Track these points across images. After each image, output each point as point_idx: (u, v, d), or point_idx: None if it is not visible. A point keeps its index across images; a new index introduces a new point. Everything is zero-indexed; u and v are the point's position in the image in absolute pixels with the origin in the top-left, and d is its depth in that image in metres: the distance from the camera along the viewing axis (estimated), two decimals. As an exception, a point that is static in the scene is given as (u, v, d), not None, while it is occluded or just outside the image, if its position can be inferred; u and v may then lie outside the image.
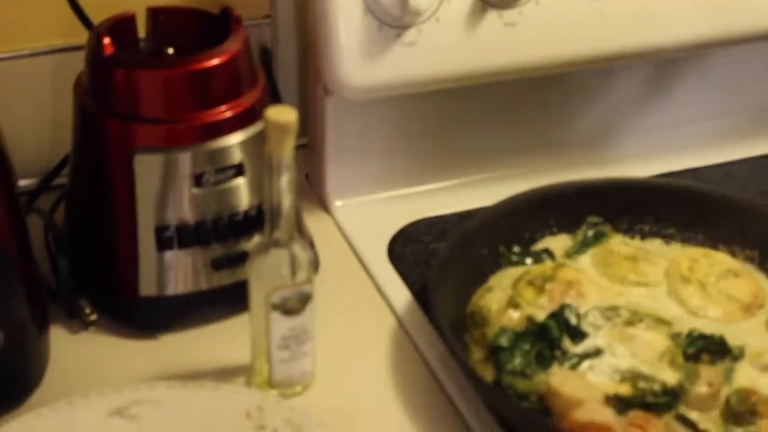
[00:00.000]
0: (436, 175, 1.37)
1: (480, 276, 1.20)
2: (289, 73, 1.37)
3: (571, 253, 1.24)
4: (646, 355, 1.10)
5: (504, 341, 1.11)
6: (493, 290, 1.18)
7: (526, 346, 1.11)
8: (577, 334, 1.12)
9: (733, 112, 1.51)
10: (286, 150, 0.98)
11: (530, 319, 1.14)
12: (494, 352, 1.10)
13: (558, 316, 1.13)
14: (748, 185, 1.42)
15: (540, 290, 1.17)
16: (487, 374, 1.10)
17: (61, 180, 1.27)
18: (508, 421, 1.06)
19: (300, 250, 1.04)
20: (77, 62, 1.15)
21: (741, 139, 1.50)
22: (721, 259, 1.23)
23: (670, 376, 1.08)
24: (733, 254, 1.24)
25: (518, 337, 1.11)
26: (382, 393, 1.11)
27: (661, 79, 1.45)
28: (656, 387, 1.07)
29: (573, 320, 1.13)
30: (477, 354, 1.13)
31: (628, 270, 1.20)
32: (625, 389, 1.07)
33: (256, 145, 1.13)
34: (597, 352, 1.11)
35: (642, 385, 1.07)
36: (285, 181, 1.00)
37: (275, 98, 1.32)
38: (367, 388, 1.12)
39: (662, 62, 1.42)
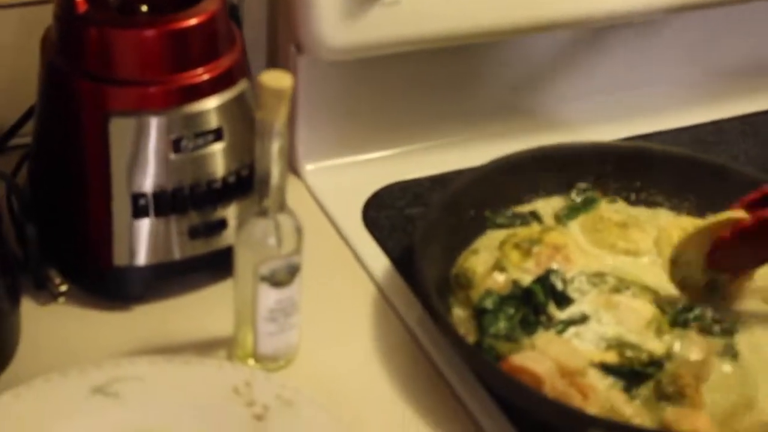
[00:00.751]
0: (409, 137, 1.34)
1: (466, 238, 1.18)
2: (257, 31, 1.32)
3: (561, 218, 1.22)
4: (633, 322, 1.09)
5: (489, 304, 1.09)
6: (479, 252, 1.16)
7: (511, 310, 1.09)
8: (563, 300, 1.11)
9: (697, 75, 1.50)
10: (279, 116, 0.94)
11: (516, 283, 1.12)
12: (479, 315, 1.08)
13: (544, 280, 1.12)
14: (718, 149, 1.42)
15: (526, 253, 1.15)
16: (470, 336, 1.08)
17: (21, 140, 1.21)
18: (488, 382, 1.04)
19: (289, 220, 1.00)
20: (45, 17, 1.09)
21: (702, 103, 1.49)
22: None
23: (657, 345, 1.07)
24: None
25: (503, 300, 1.09)
26: (365, 361, 1.09)
27: (628, 41, 1.43)
28: (643, 356, 1.06)
29: (559, 285, 1.11)
30: (460, 316, 1.11)
31: (618, 237, 1.19)
32: (611, 357, 1.06)
33: (235, 109, 1.09)
34: (583, 319, 1.10)
35: (629, 353, 1.06)
36: (276, 149, 0.96)
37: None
38: (349, 358, 1.09)
39: (640, 25, 1.41)
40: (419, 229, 1.13)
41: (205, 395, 0.99)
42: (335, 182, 1.30)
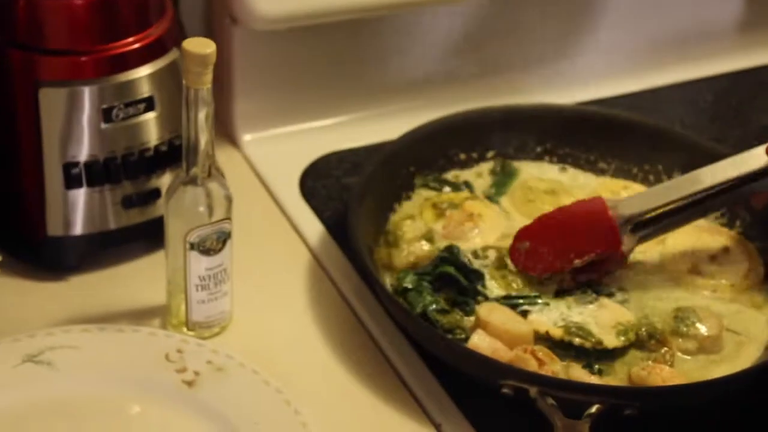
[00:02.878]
0: (346, 107, 1.34)
1: (399, 199, 1.20)
2: (194, 2, 1.31)
3: (492, 196, 1.23)
4: (604, 319, 1.09)
5: (408, 283, 1.09)
6: (416, 219, 1.17)
7: (427, 285, 1.09)
8: (473, 275, 1.11)
9: (634, 43, 1.50)
10: (204, 83, 0.95)
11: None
12: (402, 295, 1.08)
13: (447, 260, 1.11)
14: (654, 116, 1.42)
15: (440, 214, 1.17)
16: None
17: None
18: (425, 348, 1.05)
19: (219, 187, 1.01)
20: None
21: (642, 70, 1.50)
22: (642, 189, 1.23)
23: (610, 341, 1.06)
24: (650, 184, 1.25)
25: (420, 276, 1.09)
26: (301, 329, 1.09)
27: (566, 8, 1.44)
28: (587, 344, 1.05)
29: (463, 259, 1.11)
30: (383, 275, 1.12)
31: (551, 204, 1.19)
32: (557, 332, 1.06)
33: (167, 78, 1.09)
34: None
35: (576, 340, 1.05)
36: (203, 116, 0.96)
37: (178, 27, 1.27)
38: (284, 325, 1.10)
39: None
40: (354, 190, 1.14)
41: (137, 363, 1.00)
42: (273, 152, 1.30)
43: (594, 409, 0.94)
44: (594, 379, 1.01)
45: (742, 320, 1.10)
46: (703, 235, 1.17)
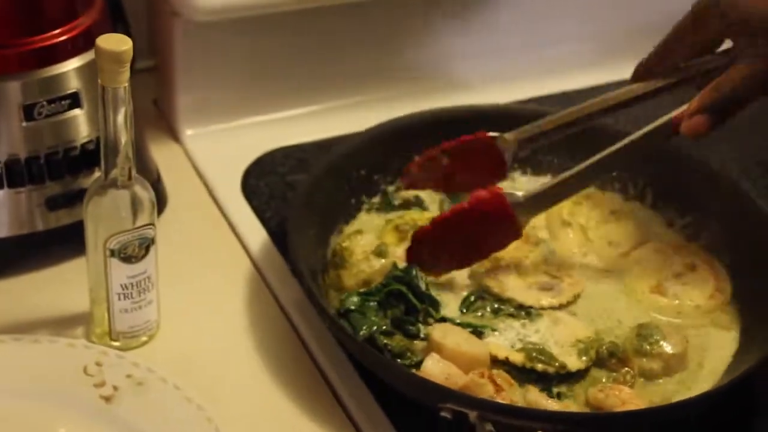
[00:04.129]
0: (292, 101, 1.29)
1: (345, 220, 1.14)
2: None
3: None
4: (562, 336, 1.03)
5: (351, 305, 1.02)
6: (364, 234, 1.10)
7: (372, 305, 1.02)
8: (430, 302, 1.04)
9: (593, 36, 1.45)
10: (121, 82, 0.89)
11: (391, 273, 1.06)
12: (345, 316, 1.01)
13: (400, 279, 1.04)
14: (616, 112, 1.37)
15: (403, 237, 1.10)
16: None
17: None
18: (366, 369, 0.99)
19: (141, 191, 0.95)
20: None
21: (604, 62, 1.44)
22: (607, 199, 1.18)
23: (573, 363, 1.01)
24: (625, 190, 1.20)
25: (364, 297, 1.03)
26: (233, 341, 1.04)
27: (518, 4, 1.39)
28: (551, 370, 1.00)
29: (423, 285, 1.05)
30: (332, 296, 1.06)
31: None
32: (517, 358, 1.00)
33: (94, 73, 1.03)
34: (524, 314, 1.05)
35: (539, 366, 1.00)
36: (121, 117, 0.91)
37: (121, 18, 1.21)
38: (217, 336, 1.04)
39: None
40: (292, 206, 1.08)
41: (52, 376, 0.94)
42: (216, 148, 1.25)
43: (537, 436, 0.89)
44: (552, 404, 0.96)
45: (707, 340, 1.05)
46: (668, 251, 1.12)
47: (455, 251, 1.07)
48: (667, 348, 1.01)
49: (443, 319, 1.03)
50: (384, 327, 1.01)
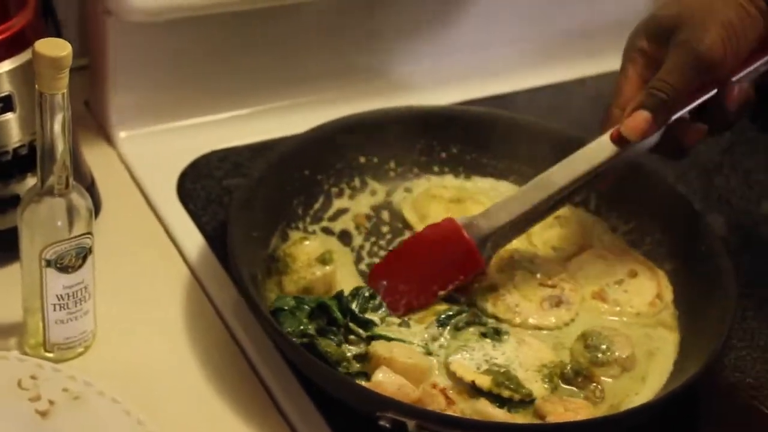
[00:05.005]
0: (228, 103, 1.27)
1: (287, 216, 1.12)
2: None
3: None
4: (527, 359, 1.01)
5: (284, 305, 1.00)
6: (310, 240, 1.08)
7: (306, 308, 1.01)
8: (361, 323, 1.02)
9: (534, 37, 1.44)
10: (59, 89, 0.86)
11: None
12: (274, 315, 0.99)
13: (340, 298, 1.03)
14: (558, 113, 1.37)
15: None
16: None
17: None
18: (306, 375, 0.98)
19: (78, 199, 0.93)
20: None
21: (544, 64, 1.44)
22: None
23: (538, 389, 0.99)
24: None
25: (299, 301, 1.01)
26: (173, 349, 1.02)
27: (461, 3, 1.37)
28: (516, 397, 0.98)
29: (355, 307, 1.02)
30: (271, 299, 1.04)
31: (456, 213, 1.13)
32: (484, 382, 0.98)
33: (29, 75, 1.00)
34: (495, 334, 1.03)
35: (506, 393, 0.98)
36: (58, 124, 0.88)
37: (52, 18, 1.18)
38: (155, 346, 1.02)
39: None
40: (232, 208, 1.06)
41: (-15, 390, 0.91)
42: (151, 150, 1.22)
43: (478, 447, 0.88)
44: (499, 413, 0.95)
45: (650, 340, 1.06)
46: (609, 257, 1.12)
47: (415, 286, 1.05)
48: (618, 352, 1.01)
49: (372, 337, 1.01)
50: (310, 329, 0.99)
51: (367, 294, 1.04)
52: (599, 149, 1.03)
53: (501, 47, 1.41)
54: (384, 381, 0.94)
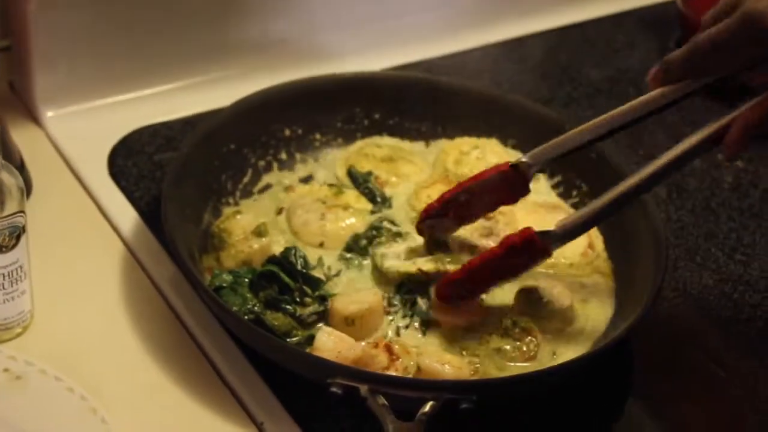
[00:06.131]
0: (156, 78, 1.26)
1: (218, 191, 1.12)
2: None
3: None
4: None
5: (223, 282, 1.01)
6: (243, 214, 1.08)
7: (245, 283, 1.01)
8: (312, 282, 1.03)
9: (454, 2, 1.45)
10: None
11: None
12: (216, 293, 0.99)
13: (282, 261, 1.03)
14: (483, 76, 1.38)
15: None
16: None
17: None
18: (247, 345, 0.98)
19: (8, 178, 0.92)
20: None
21: (469, 28, 1.45)
22: (493, 149, 1.18)
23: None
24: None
25: (236, 276, 1.02)
26: (111, 326, 1.01)
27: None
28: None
29: (299, 264, 1.03)
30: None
31: (388, 172, 1.13)
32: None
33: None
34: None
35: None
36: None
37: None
38: (94, 322, 1.02)
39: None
40: (166, 181, 1.05)
41: (-77, 375, 0.91)
42: (79, 129, 1.21)
43: (428, 407, 0.88)
44: (447, 369, 0.95)
45: (587, 288, 1.07)
46: (540, 210, 1.13)
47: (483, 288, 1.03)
48: (558, 304, 1.03)
49: (323, 297, 1.02)
50: (256, 305, 0.99)
51: (302, 253, 1.04)
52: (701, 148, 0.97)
53: (422, 13, 1.42)
54: (325, 344, 0.95)
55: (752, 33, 0.92)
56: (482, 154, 1.18)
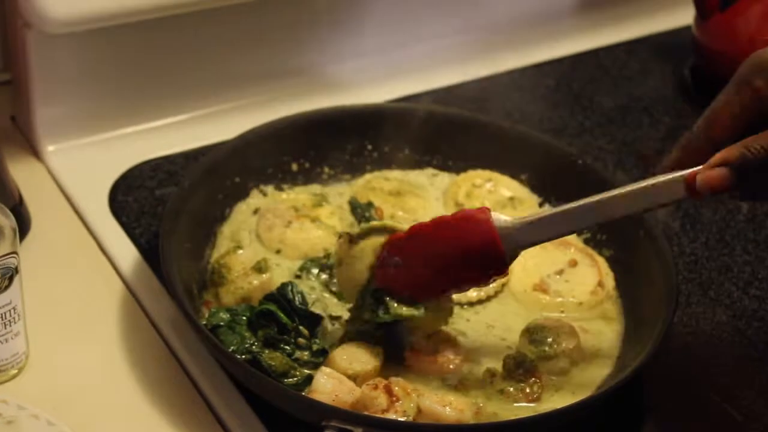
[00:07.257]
0: (157, 111, 1.25)
1: (221, 225, 1.11)
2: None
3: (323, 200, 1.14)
4: None
5: (220, 320, 0.99)
6: (245, 249, 1.06)
7: (243, 321, 0.99)
8: (308, 318, 1.00)
9: (464, 31, 1.43)
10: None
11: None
12: (213, 332, 0.97)
13: (277, 297, 1.00)
14: (490, 105, 1.36)
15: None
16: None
17: None
18: (246, 387, 0.96)
19: (1, 218, 0.90)
20: None
21: (480, 56, 1.43)
22: (506, 183, 1.17)
23: None
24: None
25: (233, 314, 0.99)
26: (110, 367, 1.00)
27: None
28: None
29: (296, 300, 1.00)
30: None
31: (395, 206, 1.11)
32: None
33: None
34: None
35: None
36: (-23, 143, 0.86)
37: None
38: (92, 363, 1.00)
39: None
40: (165, 218, 1.03)
41: None
42: (80, 163, 1.19)
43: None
44: (448, 411, 0.93)
45: (595, 330, 1.05)
46: (549, 247, 1.10)
47: (431, 275, 0.97)
48: (565, 343, 1.00)
49: (322, 351, 0.99)
50: (254, 344, 0.97)
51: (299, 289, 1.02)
52: (670, 189, 0.93)
53: (431, 43, 1.40)
54: (324, 386, 0.93)
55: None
56: (495, 187, 1.17)
